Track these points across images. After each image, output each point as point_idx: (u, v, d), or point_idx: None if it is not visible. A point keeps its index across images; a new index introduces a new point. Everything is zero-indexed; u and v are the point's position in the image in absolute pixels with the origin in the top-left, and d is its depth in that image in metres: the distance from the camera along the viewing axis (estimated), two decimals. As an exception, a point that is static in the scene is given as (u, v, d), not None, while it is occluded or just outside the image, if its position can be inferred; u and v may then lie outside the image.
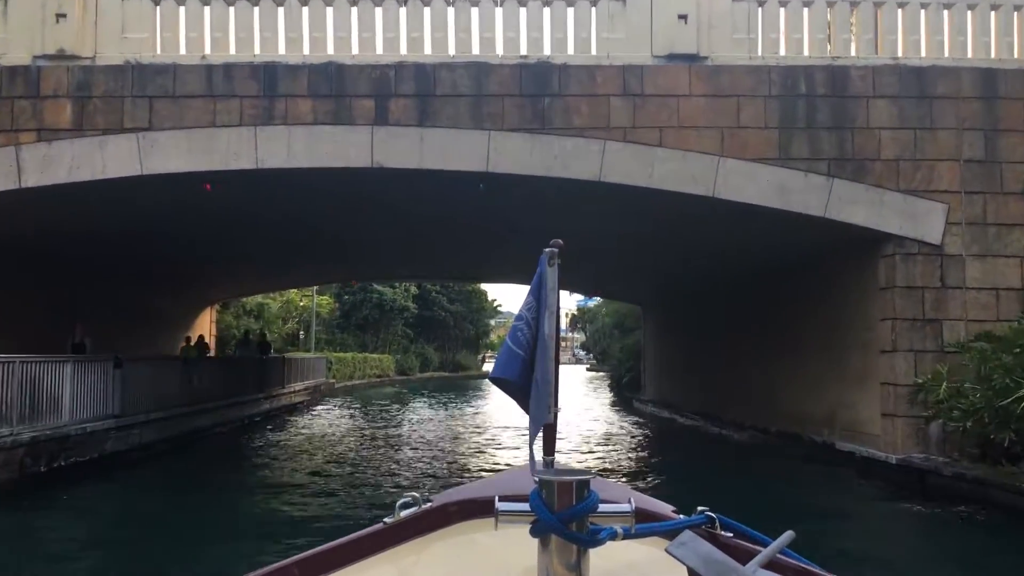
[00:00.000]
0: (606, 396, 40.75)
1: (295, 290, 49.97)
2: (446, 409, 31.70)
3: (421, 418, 26.67)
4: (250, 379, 24.87)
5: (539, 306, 1.58)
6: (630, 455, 18.44)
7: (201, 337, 22.86)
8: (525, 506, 1.45)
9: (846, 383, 15.19)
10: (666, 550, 1.38)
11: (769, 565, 1.43)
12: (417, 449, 18.30)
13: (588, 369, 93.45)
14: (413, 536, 1.78)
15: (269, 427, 22.66)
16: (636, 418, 28.33)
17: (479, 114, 13.18)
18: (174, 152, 12.94)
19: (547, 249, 1.61)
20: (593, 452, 18.23)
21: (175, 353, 22.73)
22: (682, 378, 26.63)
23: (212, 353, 25.74)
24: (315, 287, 50.28)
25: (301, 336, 52.03)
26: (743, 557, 1.44)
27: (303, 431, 22.51)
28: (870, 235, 13.57)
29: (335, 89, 13.10)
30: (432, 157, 13.11)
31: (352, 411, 30.19)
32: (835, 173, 13.33)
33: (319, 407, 31.33)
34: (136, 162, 12.89)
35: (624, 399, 35.32)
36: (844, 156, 13.37)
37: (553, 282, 1.59)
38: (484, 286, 71.43)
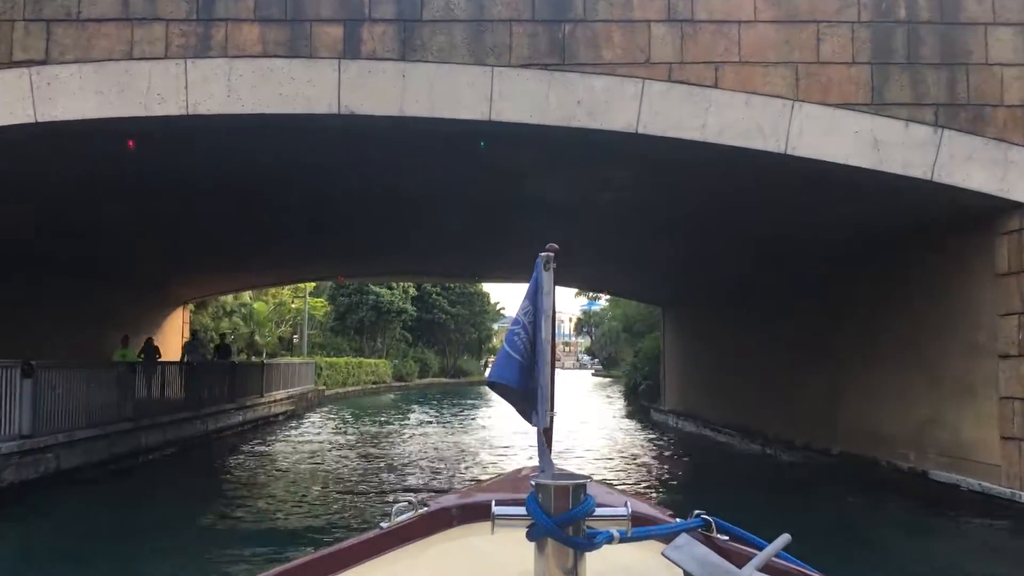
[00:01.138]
0: (619, 405, 37.53)
1: (288, 291, 47.05)
2: (450, 424, 28.55)
3: (421, 444, 23.31)
4: (219, 387, 21.75)
5: (535, 310, 1.54)
6: (658, 481, 15.30)
7: (150, 340, 19.71)
8: (522, 510, 1.42)
9: (943, 395, 12.06)
10: (663, 554, 1.39)
11: (765, 568, 1.39)
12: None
13: (594, 375, 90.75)
14: (410, 540, 1.76)
15: (237, 445, 19.47)
16: (657, 432, 25.16)
17: (479, 45, 10.10)
18: (79, 93, 9.85)
19: (543, 253, 1.55)
20: (613, 477, 15.10)
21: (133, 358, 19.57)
22: (712, 386, 23.45)
23: (182, 357, 22.49)
24: (308, 289, 47.36)
25: (295, 340, 48.95)
26: (739, 560, 1.42)
27: (275, 450, 19.39)
28: (988, 204, 10.46)
29: (291, 11, 10.02)
30: (418, 101, 10.02)
31: (339, 425, 27.05)
32: (945, 123, 10.24)
33: (304, 418, 28.17)
34: (28, 106, 9.79)
35: (641, 409, 32.14)
36: (956, 101, 10.27)
37: (549, 286, 1.54)
38: (486, 287, 68.26)
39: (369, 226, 17.99)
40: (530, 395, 1.52)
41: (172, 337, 25.74)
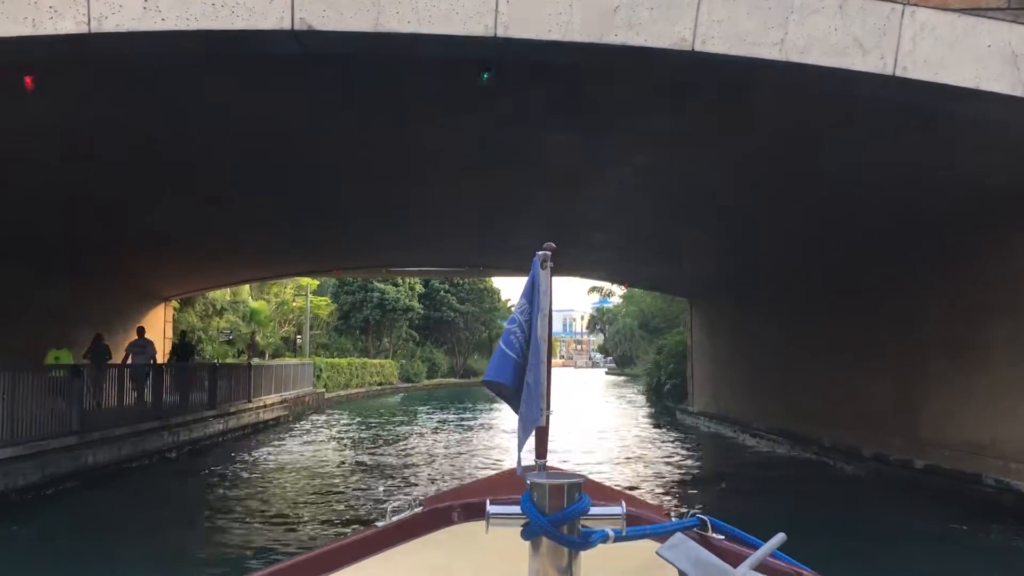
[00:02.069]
0: (640, 406, 34.86)
1: (290, 290, 44.84)
2: (459, 432, 26.07)
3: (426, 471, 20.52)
4: (196, 392, 19.32)
5: (532, 309, 1.54)
6: (703, 502, 12.70)
7: (99, 337, 17.17)
8: (516, 509, 1.42)
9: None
10: (657, 553, 1.39)
11: (760, 567, 1.39)
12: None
13: (607, 373, 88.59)
14: (405, 539, 1.76)
15: (203, 461, 16.78)
16: (688, 438, 22.56)
17: (481, -66, 7.55)
18: (-56, 6, 7.37)
19: (539, 252, 1.55)
20: (645, 493, 12.55)
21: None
22: (752, 386, 20.82)
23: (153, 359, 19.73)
24: (311, 287, 45.03)
25: (299, 340, 46.63)
26: (734, 560, 1.41)
27: (247, 468, 16.90)
28: None
29: None
30: (399, 13, 7.48)
31: (334, 435, 24.61)
32: (1108, 32, 7.61)
33: (299, 426, 25.71)
34: None
35: (665, 411, 29.51)
36: (1123, 2, 7.65)
37: (546, 285, 1.54)
38: (497, 284, 65.82)
39: (355, 206, 15.49)
40: (526, 393, 1.49)
41: (149, 336, 23.22)
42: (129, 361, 16.61)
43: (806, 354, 17.03)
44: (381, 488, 12.49)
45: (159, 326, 25.33)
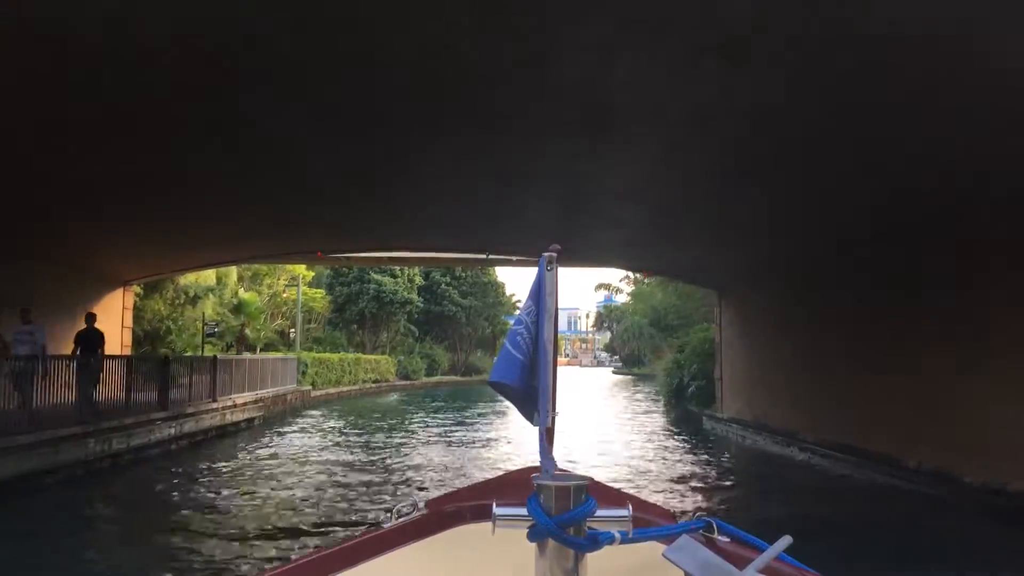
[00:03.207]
0: (658, 410, 31.71)
1: (283, 281, 41.91)
2: (463, 446, 23.03)
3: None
4: (141, 391, 16.30)
5: (538, 310, 1.52)
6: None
7: (-11, 325, 14.12)
8: (523, 511, 1.41)
9: None
10: (663, 555, 1.37)
11: (766, 570, 1.37)
12: None
13: (614, 372, 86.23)
14: (411, 541, 1.75)
15: (134, 478, 13.78)
16: (717, 450, 19.47)
17: None
18: None
19: (545, 253, 1.52)
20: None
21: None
22: (796, 390, 17.69)
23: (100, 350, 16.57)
24: (306, 278, 42.05)
25: (292, 334, 43.69)
26: (740, 562, 1.38)
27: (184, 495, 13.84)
28: None
29: None
30: None
31: (304, 447, 21.58)
32: None
33: (273, 431, 22.64)
34: None
35: (688, 416, 26.37)
36: None
37: (552, 286, 1.52)
38: (501, 278, 63.00)
39: (334, 169, 12.37)
40: (532, 395, 1.48)
41: (104, 325, 20.16)
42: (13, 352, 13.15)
43: (877, 352, 13.89)
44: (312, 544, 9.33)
45: (117, 313, 22.32)
